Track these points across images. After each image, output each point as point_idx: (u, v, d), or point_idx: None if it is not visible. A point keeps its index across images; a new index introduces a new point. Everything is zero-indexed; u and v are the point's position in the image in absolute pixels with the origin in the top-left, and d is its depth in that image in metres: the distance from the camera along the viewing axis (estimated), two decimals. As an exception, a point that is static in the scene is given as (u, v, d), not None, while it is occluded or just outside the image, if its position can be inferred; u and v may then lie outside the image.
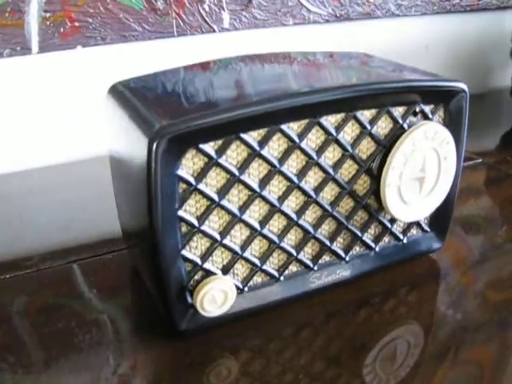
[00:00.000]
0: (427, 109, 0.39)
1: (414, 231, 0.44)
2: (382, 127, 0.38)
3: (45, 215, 0.53)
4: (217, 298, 0.35)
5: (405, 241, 0.43)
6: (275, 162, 0.35)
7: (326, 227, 0.39)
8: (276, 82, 0.36)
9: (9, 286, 0.43)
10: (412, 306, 0.40)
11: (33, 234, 0.50)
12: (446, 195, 0.42)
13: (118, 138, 0.38)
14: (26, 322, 0.38)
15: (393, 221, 0.42)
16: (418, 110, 0.38)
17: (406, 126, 0.38)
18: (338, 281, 0.41)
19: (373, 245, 0.42)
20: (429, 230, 0.44)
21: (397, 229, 0.42)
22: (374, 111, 0.37)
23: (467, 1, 0.79)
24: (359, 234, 0.41)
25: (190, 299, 0.36)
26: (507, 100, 0.85)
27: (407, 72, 0.40)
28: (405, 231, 0.43)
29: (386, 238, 0.42)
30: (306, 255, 0.39)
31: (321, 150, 0.36)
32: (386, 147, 0.38)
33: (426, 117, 0.39)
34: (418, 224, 0.43)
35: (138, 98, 0.36)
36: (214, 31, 0.64)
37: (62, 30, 0.57)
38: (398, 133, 0.38)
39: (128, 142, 0.35)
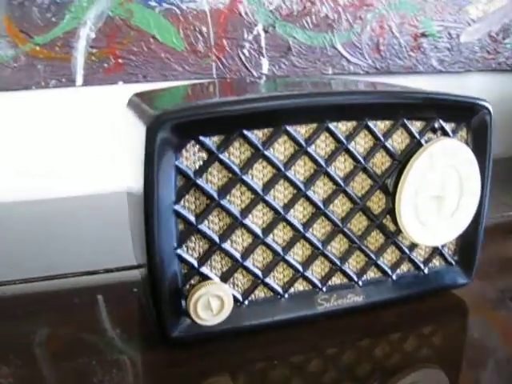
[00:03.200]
0: (448, 127, 0.37)
1: (436, 262, 0.40)
2: (398, 141, 0.37)
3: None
4: (212, 304, 0.34)
5: (426, 271, 0.40)
6: (280, 166, 0.34)
7: (337, 245, 0.37)
8: (285, 89, 0.36)
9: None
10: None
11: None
12: (472, 224, 0.39)
13: (130, 145, 0.39)
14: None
15: (412, 247, 0.39)
16: (436, 126, 0.37)
17: (423, 142, 0.37)
18: (349, 306, 0.38)
19: (389, 271, 0.39)
20: (453, 262, 0.41)
21: (417, 257, 0.40)
22: (388, 123, 0.36)
23: (514, 60, 0.78)
24: (373, 258, 0.38)
25: (184, 305, 0.34)
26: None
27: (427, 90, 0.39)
28: (426, 261, 0.40)
29: (405, 266, 0.40)
30: (314, 274, 0.37)
31: (330, 159, 0.35)
32: (402, 163, 0.37)
33: (446, 135, 0.37)
34: (440, 254, 0.40)
35: (146, 101, 0.37)
36: (253, 76, 0.66)
37: (105, 65, 0.60)
38: (415, 149, 0.37)
39: (135, 140, 0.35)
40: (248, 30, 0.64)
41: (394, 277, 0.39)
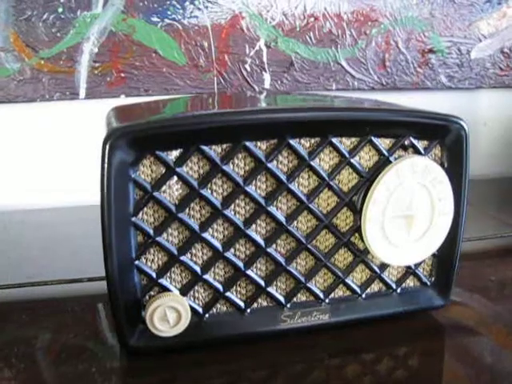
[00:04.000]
0: (419, 144, 0.37)
1: (410, 282, 0.40)
2: (366, 159, 0.36)
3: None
4: (169, 316, 0.34)
5: (399, 291, 0.39)
6: (240, 181, 0.34)
7: (302, 262, 0.37)
8: (247, 104, 0.37)
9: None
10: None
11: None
12: (448, 245, 0.38)
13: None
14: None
15: (383, 266, 0.38)
16: (406, 143, 0.36)
17: (393, 160, 0.36)
18: (315, 324, 0.38)
19: (358, 290, 0.38)
20: (428, 283, 0.40)
21: (389, 276, 0.39)
22: (354, 140, 0.35)
23: (529, 77, 0.75)
24: (341, 276, 0.38)
25: (144, 315, 0.34)
26: None
27: (401, 107, 0.38)
28: (399, 281, 0.39)
29: (376, 286, 0.39)
30: (278, 290, 0.37)
31: (293, 175, 0.35)
32: (370, 181, 0.36)
33: (417, 153, 0.37)
34: (415, 274, 0.39)
35: (117, 114, 0.38)
36: (254, 91, 0.66)
37: (108, 79, 0.62)
38: (383, 167, 0.36)
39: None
40: (250, 45, 0.65)
41: (364, 296, 0.39)
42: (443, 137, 0.37)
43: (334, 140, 0.35)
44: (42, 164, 0.64)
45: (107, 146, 0.31)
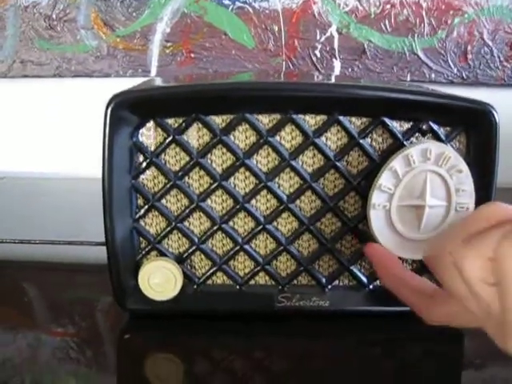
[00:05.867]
0: (441, 130, 0.34)
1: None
2: (379, 141, 0.34)
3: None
4: (162, 279, 0.35)
5: (411, 288, 0.37)
6: (240, 154, 0.34)
7: (305, 244, 0.36)
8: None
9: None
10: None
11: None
12: (470, 244, 0.35)
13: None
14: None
15: (395, 259, 0.36)
16: (425, 128, 0.34)
17: (408, 144, 0.34)
18: (313, 309, 0.36)
19: (365, 280, 0.36)
20: (446, 283, 0.37)
21: (400, 271, 0.37)
22: (365, 120, 0.34)
23: None
24: (346, 263, 0.36)
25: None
26: None
27: (421, 88, 0.36)
28: (412, 277, 0.37)
29: (386, 278, 0.37)
30: (277, 269, 0.36)
31: (296, 152, 0.34)
32: (380, 165, 0.34)
33: (438, 139, 0.34)
34: (430, 272, 0.37)
35: (144, 82, 0.39)
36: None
37: (178, 58, 0.64)
38: (395, 151, 0.34)
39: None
40: (321, 31, 0.63)
41: (371, 287, 0.37)
42: (469, 123, 0.34)
43: (342, 119, 0.33)
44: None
45: (109, 110, 0.32)
